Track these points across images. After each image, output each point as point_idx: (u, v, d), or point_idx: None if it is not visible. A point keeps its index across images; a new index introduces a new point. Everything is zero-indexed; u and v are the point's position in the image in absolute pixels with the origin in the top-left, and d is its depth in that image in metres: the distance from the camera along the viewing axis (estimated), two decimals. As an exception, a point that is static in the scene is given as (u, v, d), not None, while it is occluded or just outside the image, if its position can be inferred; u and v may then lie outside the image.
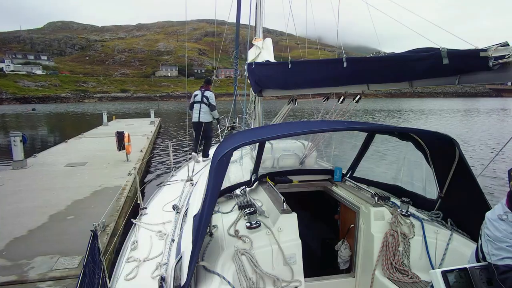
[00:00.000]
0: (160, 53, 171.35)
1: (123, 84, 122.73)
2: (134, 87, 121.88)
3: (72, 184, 8.24)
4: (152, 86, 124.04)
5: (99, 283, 2.61)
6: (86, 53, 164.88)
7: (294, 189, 3.70)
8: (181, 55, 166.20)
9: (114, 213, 6.09)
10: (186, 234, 2.77)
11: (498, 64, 1.85)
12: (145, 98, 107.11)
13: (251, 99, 6.33)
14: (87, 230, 5.26)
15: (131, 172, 9.00)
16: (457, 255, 2.47)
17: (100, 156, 12.03)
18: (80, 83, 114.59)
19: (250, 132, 3.56)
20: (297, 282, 2.42)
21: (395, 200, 3.05)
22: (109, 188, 7.79)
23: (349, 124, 3.15)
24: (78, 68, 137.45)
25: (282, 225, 2.54)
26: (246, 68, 5.17)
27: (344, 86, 3.43)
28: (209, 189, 2.18)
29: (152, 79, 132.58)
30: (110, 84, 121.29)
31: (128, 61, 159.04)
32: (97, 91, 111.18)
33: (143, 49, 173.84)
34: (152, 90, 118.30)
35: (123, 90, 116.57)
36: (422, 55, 2.30)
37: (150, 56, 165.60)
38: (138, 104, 79.39)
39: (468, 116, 38.41)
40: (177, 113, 49.79)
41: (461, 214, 2.71)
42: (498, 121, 33.14)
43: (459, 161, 2.55)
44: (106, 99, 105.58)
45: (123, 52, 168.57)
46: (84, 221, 5.74)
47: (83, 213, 6.17)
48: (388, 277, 2.50)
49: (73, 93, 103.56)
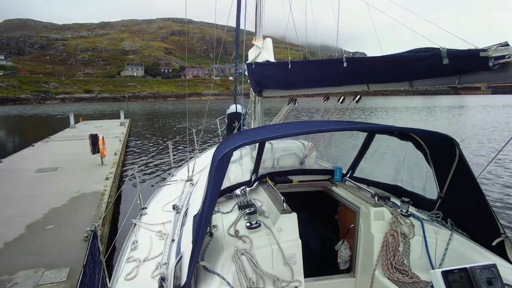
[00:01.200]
0: (125, 52, 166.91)
1: (87, 85, 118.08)
2: (99, 87, 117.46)
3: (46, 190, 7.77)
4: (118, 86, 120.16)
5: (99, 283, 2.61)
6: (46, 52, 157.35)
7: (294, 189, 3.70)
8: (147, 54, 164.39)
9: (97, 220, 5.68)
10: (186, 234, 2.77)
11: (498, 64, 1.85)
12: (110, 99, 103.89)
13: (251, 99, 6.33)
14: (70, 239, 5.13)
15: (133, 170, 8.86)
16: (457, 255, 2.47)
17: (72, 160, 11.49)
18: (41, 83, 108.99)
19: (250, 132, 3.56)
20: (297, 282, 2.42)
21: (395, 200, 3.05)
22: (87, 194, 7.44)
23: (349, 124, 3.15)
24: (38, 68, 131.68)
25: (282, 225, 2.54)
26: (246, 68, 5.17)
27: (344, 86, 3.43)
28: (209, 189, 2.18)
29: (118, 79, 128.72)
30: (73, 85, 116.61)
31: (91, 61, 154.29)
32: (60, 92, 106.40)
33: (107, 48, 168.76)
34: (118, 90, 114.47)
35: (87, 91, 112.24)
36: (422, 55, 2.30)
37: (114, 56, 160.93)
38: (104, 105, 77.08)
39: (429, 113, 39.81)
40: (145, 114, 48.46)
41: (461, 214, 2.71)
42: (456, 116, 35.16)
43: (459, 161, 2.55)
44: (69, 100, 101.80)
45: (86, 51, 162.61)
46: (66, 230, 5.45)
47: (63, 221, 5.83)
48: (388, 277, 2.50)
49: (34, 94, 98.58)
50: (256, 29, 6.12)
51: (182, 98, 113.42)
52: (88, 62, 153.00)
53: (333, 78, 3.30)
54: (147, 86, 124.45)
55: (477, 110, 43.69)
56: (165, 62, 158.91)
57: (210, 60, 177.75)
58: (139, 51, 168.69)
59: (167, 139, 19.79)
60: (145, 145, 18.86)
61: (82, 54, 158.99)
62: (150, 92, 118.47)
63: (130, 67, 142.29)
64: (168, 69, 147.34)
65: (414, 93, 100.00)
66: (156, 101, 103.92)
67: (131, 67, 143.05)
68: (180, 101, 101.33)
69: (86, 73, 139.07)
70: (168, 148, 7.00)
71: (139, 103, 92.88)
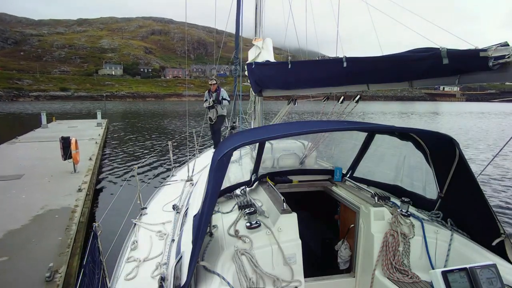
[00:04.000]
0: (103, 50, 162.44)
1: (63, 82, 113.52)
2: (75, 85, 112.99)
3: (4, 205, 6.25)
4: (95, 85, 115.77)
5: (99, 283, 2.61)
6: (20, 48, 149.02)
7: (294, 189, 3.70)
8: (126, 53, 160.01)
9: (65, 250, 4.54)
10: (186, 234, 2.78)
11: (498, 64, 1.85)
12: (87, 98, 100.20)
13: (251, 99, 6.34)
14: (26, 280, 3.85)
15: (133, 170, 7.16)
16: (457, 255, 2.47)
17: (40, 166, 9.88)
18: (14, 80, 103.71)
19: (250, 132, 3.56)
20: (297, 282, 2.42)
21: (395, 200, 3.05)
22: (54, 211, 6.00)
23: (349, 124, 3.15)
24: (11, 64, 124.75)
25: (282, 225, 2.54)
26: (246, 68, 5.17)
27: (344, 86, 3.43)
28: (209, 189, 2.18)
29: (95, 77, 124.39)
30: (48, 82, 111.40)
31: (68, 58, 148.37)
32: (34, 89, 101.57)
33: (85, 46, 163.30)
34: (95, 89, 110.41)
35: (62, 89, 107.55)
36: (422, 55, 2.30)
37: (92, 53, 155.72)
38: (80, 104, 73.46)
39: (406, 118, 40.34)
40: (124, 114, 45.59)
41: (461, 214, 2.71)
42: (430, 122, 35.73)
43: (459, 161, 2.55)
44: (43, 98, 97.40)
45: (63, 48, 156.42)
46: (24, 263, 4.21)
47: (20, 251, 4.51)
48: (388, 277, 2.50)
49: (6, 91, 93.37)
50: (256, 29, 6.13)
51: (161, 98, 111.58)
52: (64, 59, 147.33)
53: (333, 78, 3.30)
54: (125, 85, 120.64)
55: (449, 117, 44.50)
56: (145, 62, 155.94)
57: (191, 61, 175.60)
58: (118, 50, 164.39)
59: (149, 141, 19.15)
60: (125, 148, 17.14)
61: (59, 50, 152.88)
62: (129, 92, 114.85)
63: (108, 66, 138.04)
64: (148, 68, 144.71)
65: (392, 98, 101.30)
66: (135, 101, 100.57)
67: (110, 65, 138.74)
68: (159, 102, 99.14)
69: (62, 70, 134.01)
70: (168, 148, 7.01)
71: (118, 102, 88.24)
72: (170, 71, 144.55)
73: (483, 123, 34.85)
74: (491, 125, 32.71)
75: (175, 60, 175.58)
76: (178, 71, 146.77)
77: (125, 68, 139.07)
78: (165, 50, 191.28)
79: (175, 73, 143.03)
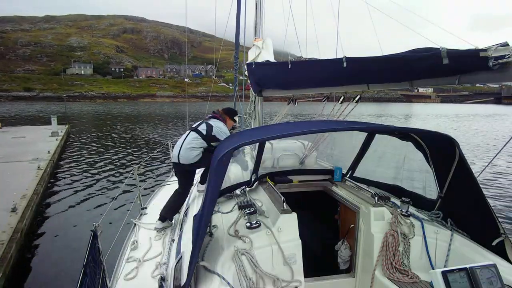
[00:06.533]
0: (72, 48, 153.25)
1: (28, 82, 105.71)
2: (41, 85, 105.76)
3: None
4: (63, 85, 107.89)
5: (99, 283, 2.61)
6: None
7: (294, 189, 3.70)
8: (97, 51, 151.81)
9: None
10: (186, 234, 2.78)
11: (498, 64, 1.85)
12: (54, 98, 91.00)
13: (251, 99, 6.34)
14: None
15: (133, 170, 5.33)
16: (457, 255, 2.47)
17: None
18: None
19: (250, 132, 3.56)
20: (297, 282, 2.43)
21: (395, 200, 3.05)
22: None
23: (349, 124, 3.15)
24: None
25: (282, 225, 2.54)
26: (246, 68, 5.17)
27: (344, 86, 3.44)
28: (209, 189, 2.18)
29: (63, 77, 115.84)
30: (11, 82, 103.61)
31: (33, 56, 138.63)
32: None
33: (52, 44, 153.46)
34: (63, 89, 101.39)
35: (27, 89, 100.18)
36: (422, 55, 2.30)
37: (60, 52, 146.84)
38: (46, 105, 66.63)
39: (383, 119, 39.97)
40: (93, 117, 40.34)
41: (461, 214, 2.71)
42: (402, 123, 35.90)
43: (459, 161, 2.55)
44: (5, 98, 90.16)
45: (28, 45, 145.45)
46: None
47: None
48: (388, 277, 2.50)
49: None
50: (256, 29, 6.13)
51: (134, 99, 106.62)
52: (29, 57, 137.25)
53: (333, 78, 3.31)
54: (96, 85, 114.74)
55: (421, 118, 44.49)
56: (116, 61, 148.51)
57: (165, 60, 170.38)
58: (87, 48, 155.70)
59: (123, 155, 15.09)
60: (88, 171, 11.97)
61: (23, 48, 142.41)
62: (99, 92, 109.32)
63: (77, 65, 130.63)
64: (120, 68, 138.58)
65: (369, 99, 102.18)
66: (105, 102, 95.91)
67: (79, 64, 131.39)
68: (132, 103, 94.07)
69: (26, 69, 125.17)
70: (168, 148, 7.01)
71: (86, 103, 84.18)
72: (143, 70, 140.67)
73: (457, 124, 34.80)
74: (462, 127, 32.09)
75: (148, 60, 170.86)
76: (151, 70, 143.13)
77: (95, 67, 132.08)
78: (138, 49, 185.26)
79: (148, 73, 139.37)
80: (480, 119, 42.02)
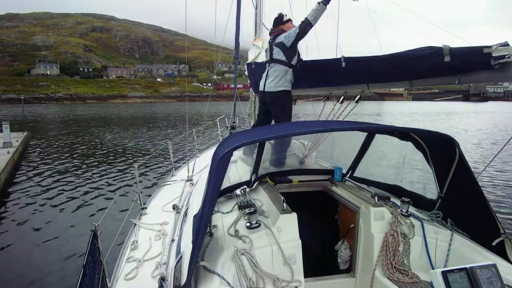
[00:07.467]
0: (37, 47, 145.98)
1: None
2: (3, 86, 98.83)
3: None
4: (27, 86, 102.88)
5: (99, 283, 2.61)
6: None
7: (294, 189, 3.70)
8: (63, 51, 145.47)
9: None
10: (186, 234, 2.78)
11: (498, 64, 1.85)
12: (17, 101, 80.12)
13: (251, 99, 6.34)
14: None
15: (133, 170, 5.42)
16: (457, 255, 2.47)
17: None
18: None
19: (250, 132, 3.56)
20: (297, 282, 2.42)
21: (395, 200, 3.05)
22: None
23: (349, 124, 3.15)
24: None
25: (282, 225, 2.54)
26: (246, 68, 5.18)
27: (343, 86, 3.44)
28: (209, 189, 2.17)
29: (27, 77, 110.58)
30: None
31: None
32: None
33: (15, 42, 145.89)
34: (28, 90, 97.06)
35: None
36: (423, 53, 2.30)
37: (24, 51, 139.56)
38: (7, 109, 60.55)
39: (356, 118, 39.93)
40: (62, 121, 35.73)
41: (461, 214, 2.71)
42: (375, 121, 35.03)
43: (459, 161, 2.55)
44: None
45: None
46: None
47: None
48: (388, 277, 2.50)
49: None
50: (256, 29, 6.13)
51: (104, 100, 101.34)
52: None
53: (332, 78, 3.31)
54: (63, 86, 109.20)
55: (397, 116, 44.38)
56: (85, 60, 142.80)
57: (136, 60, 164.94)
58: (53, 47, 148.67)
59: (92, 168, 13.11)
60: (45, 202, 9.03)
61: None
62: (67, 93, 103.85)
63: (42, 65, 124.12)
64: (88, 68, 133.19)
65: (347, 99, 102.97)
66: (73, 104, 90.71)
67: (44, 64, 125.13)
68: (102, 104, 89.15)
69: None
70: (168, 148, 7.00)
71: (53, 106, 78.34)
72: (113, 70, 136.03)
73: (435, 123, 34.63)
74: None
75: (118, 59, 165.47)
76: (122, 70, 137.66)
77: (62, 67, 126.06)
78: (107, 48, 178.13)
79: (118, 73, 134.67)
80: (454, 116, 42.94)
